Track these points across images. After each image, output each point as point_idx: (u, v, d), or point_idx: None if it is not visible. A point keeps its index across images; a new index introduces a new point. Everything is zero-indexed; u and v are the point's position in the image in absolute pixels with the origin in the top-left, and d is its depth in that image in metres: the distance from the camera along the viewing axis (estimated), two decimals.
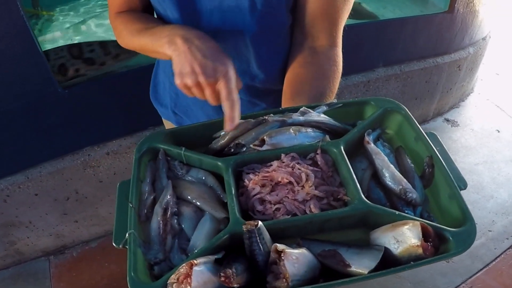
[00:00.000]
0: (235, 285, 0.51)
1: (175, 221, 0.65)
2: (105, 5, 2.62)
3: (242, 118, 0.75)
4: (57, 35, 2.29)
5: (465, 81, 2.84)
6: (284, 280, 0.51)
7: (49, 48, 1.85)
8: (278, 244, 0.54)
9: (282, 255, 0.53)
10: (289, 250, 0.53)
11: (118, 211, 0.66)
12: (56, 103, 1.59)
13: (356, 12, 2.37)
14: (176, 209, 0.66)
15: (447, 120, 2.84)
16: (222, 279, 0.51)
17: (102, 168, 1.82)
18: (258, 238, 0.55)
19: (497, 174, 2.42)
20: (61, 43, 2.18)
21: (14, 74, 1.44)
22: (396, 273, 0.55)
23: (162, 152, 0.73)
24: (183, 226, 0.65)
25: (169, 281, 0.53)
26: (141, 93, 1.27)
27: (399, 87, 2.42)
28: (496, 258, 1.97)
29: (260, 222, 0.55)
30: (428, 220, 0.60)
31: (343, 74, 0.93)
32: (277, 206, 0.64)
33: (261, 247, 0.55)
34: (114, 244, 0.62)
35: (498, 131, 2.76)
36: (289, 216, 0.62)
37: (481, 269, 1.93)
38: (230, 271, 0.51)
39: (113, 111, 1.73)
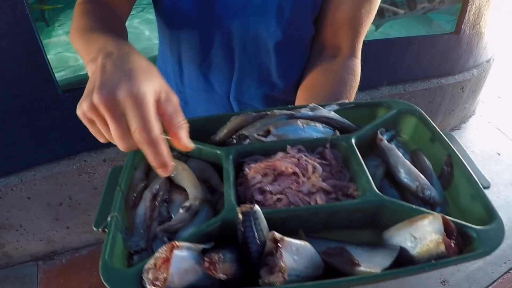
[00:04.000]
0: (221, 275, 0.44)
1: (165, 208, 0.59)
2: None
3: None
4: (62, 39, 2.27)
5: (467, 103, 2.84)
6: (280, 274, 0.44)
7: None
8: (276, 232, 0.46)
9: (279, 244, 0.45)
10: (288, 239, 0.45)
11: (105, 195, 0.61)
12: (56, 105, 1.57)
13: None
14: (167, 197, 0.60)
15: None
16: (206, 264, 0.44)
17: (97, 175, 1.79)
18: (253, 222, 0.47)
19: (496, 197, 2.40)
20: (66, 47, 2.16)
21: (14, 74, 1.42)
22: (414, 274, 0.47)
23: None
24: (172, 215, 0.58)
25: (145, 267, 0.45)
26: None
27: None
28: (493, 282, 1.95)
29: (257, 206, 0.49)
30: None
31: None
32: (278, 196, 0.57)
33: (256, 234, 0.47)
34: (94, 228, 0.56)
35: (499, 154, 2.75)
36: None
37: None
38: (217, 256, 0.44)
39: None
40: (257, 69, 0.91)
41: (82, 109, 0.48)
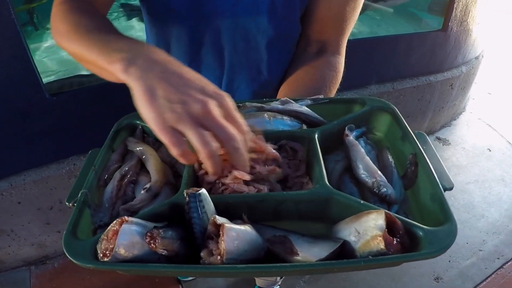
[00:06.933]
0: (161, 250, 0.46)
1: (131, 188, 0.62)
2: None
3: None
4: (51, 43, 2.26)
5: (457, 100, 2.85)
6: (219, 257, 0.46)
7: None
8: (217, 216, 0.48)
9: (220, 230, 0.47)
10: (229, 225, 0.47)
11: (81, 174, 0.64)
12: (44, 110, 1.56)
13: None
14: (135, 178, 0.63)
15: (439, 139, 2.84)
16: (147, 238, 0.46)
17: None
18: (198, 204, 0.49)
19: (488, 193, 2.41)
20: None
21: (1, 78, 1.41)
22: (349, 269, 0.48)
23: (139, 129, 0.72)
24: (136, 195, 0.62)
25: (100, 238, 0.48)
26: (130, 104, 1.24)
27: None
28: (486, 278, 1.95)
29: (203, 189, 0.51)
30: None
31: (336, 90, 0.91)
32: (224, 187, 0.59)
33: (200, 215, 0.49)
34: (66, 202, 0.58)
35: (490, 150, 2.76)
36: None
37: None
38: (157, 231, 0.47)
39: (101, 120, 1.69)
40: (247, 67, 0.92)
41: (167, 118, 0.48)
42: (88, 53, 0.59)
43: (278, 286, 1.85)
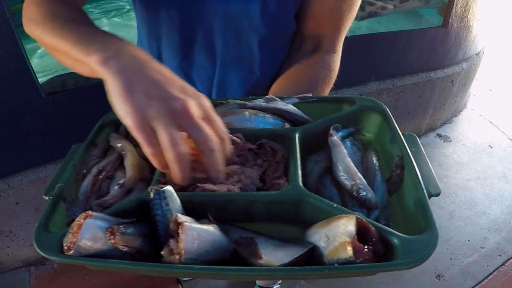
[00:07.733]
0: (121, 246, 0.46)
1: (106, 184, 0.62)
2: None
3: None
4: None
5: (458, 96, 2.84)
6: (178, 256, 0.44)
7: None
8: (179, 215, 0.46)
9: (179, 228, 0.45)
10: (189, 224, 0.45)
11: (61, 168, 0.63)
12: (40, 109, 1.55)
13: None
14: (112, 174, 0.63)
15: (440, 136, 2.83)
16: (108, 234, 0.46)
17: None
18: (161, 201, 0.48)
19: (489, 190, 2.40)
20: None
21: None
22: (313, 276, 0.45)
23: (123, 126, 0.69)
24: (111, 190, 0.61)
25: (68, 230, 0.48)
26: None
27: (391, 101, 2.41)
28: (488, 275, 1.94)
29: (168, 186, 0.49)
30: None
31: (335, 88, 0.89)
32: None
33: (164, 213, 0.48)
34: (44, 196, 0.58)
35: (491, 147, 2.75)
36: None
37: (473, 287, 1.89)
38: (117, 227, 0.46)
39: (98, 119, 1.69)
40: (239, 66, 0.91)
41: (148, 114, 0.48)
42: (62, 43, 0.58)
43: (278, 285, 1.85)
